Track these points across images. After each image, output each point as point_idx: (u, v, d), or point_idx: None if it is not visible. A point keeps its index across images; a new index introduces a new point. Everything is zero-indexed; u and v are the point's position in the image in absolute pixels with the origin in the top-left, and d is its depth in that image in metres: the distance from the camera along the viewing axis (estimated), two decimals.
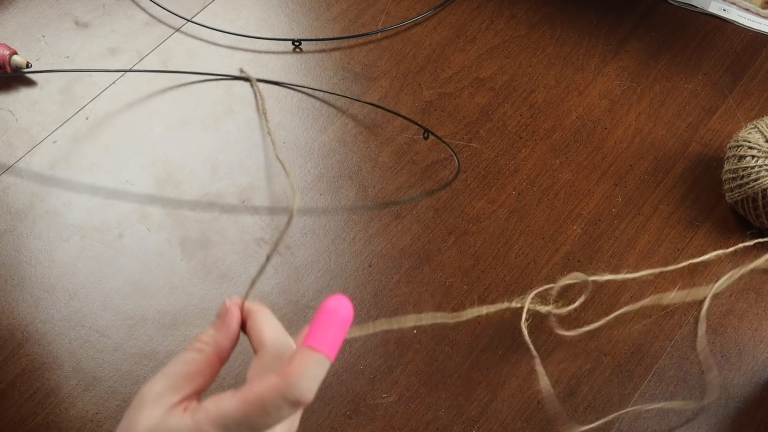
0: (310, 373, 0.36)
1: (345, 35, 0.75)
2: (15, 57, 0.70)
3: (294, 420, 0.40)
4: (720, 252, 0.62)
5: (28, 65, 0.70)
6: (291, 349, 0.40)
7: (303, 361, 0.36)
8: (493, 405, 0.56)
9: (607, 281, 0.61)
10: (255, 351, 0.40)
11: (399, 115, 0.69)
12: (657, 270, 0.62)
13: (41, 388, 0.56)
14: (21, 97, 0.71)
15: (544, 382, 0.55)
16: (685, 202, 0.66)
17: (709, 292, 0.59)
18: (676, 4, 0.78)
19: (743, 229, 0.64)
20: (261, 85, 0.72)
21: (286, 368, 0.36)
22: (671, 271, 0.62)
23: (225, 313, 0.41)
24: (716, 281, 0.59)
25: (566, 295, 0.61)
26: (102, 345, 0.58)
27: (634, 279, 0.61)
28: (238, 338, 0.41)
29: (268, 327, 0.41)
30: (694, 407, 0.56)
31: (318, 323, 0.37)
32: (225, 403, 0.37)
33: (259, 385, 0.36)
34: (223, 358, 0.41)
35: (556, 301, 0.59)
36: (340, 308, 0.38)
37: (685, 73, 0.74)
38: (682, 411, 0.56)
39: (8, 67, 0.70)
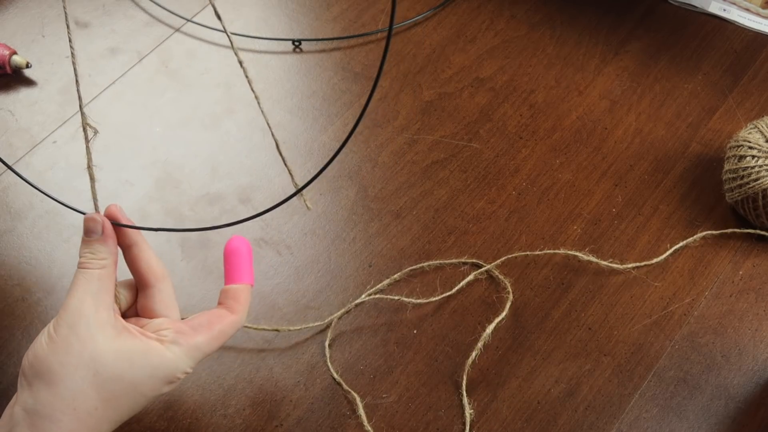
0: (248, 305, 0.46)
1: (345, 35, 0.75)
2: (15, 57, 0.70)
3: None
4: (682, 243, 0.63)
5: (27, 65, 0.70)
6: (169, 276, 0.46)
7: (245, 297, 0.46)
8: (493, 405, 0.56)
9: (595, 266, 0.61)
10: (148, 282, 0.45)
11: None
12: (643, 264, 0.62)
13: None
14: (21, 97, 0.71)
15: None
16: (685, 202, 0.66)
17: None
18: (676, 4, 0.78)
19: (743, 229, 0.64)
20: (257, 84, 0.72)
21: (236, 305, 0.45)
22: (666, 269, 0.62)
23: (102, 228, 0.44)
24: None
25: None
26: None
27: (620, 269, 0.62)
28: None
29: (156, 260, 0.46)
30: None
31: (234, 263, 0.47)
32: (194, 337, 0.43)
33: (220, 321, 0.45)
34: (116, 265, 0.45)
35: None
36: (241, 245, 0.47)
37: (685, 73, 0.74)
38: (683, 412, 0.56)
39: (8, 67, 0.70)
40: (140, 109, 0.70)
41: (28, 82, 0.71)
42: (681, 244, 0.63)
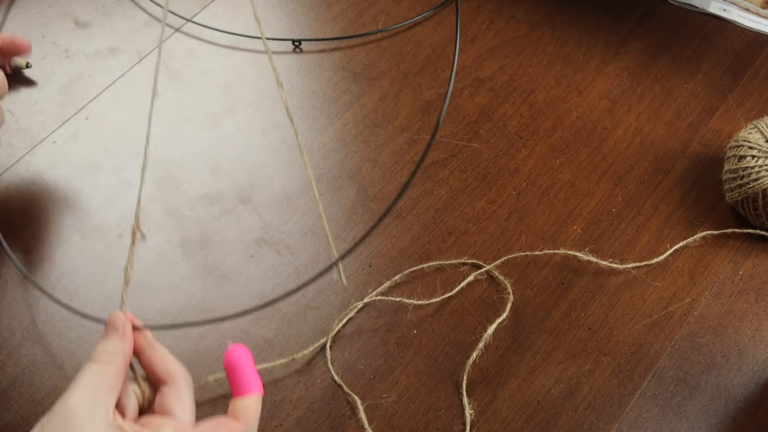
0: (258, 414, 0.45)
1: (345, 35, 0.75)
2: (15, 57, 0.70)
3: None
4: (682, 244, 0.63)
5: (27, 65, 0.70)
6: (188, 375, 0.46)
7: (255, 407, 0.45)
8: (493, 405, 0.56)
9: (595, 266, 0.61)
10: (163, 380, 0.45)
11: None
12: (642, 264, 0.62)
13: (41, 388, 0.56)
14: (21, 97, 0.71)
15: None
16: (685, 202, 0.66)
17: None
18: (676, 4, 0.78)
19: (743, 229, 0.64)
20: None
21: (244, 415, 0.44)
22: (666, 269, 0.62)
23: (122, 325, 0.45)
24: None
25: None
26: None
27: (621, 270, 0.62)
28: None
29: (171, 359, 0.45)
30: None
31: (238, 375, 0.45)
32: None
33: (226, 428, 0.44)
34: (127, 366, 0.44)
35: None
36: (242, 355, 0.46)
37: (685, 73, 0.74)
38: (683, 412, 0.56)
39: (8, 67, 0.70)
40: (140, 109, 0.70)
41: (28, 82, 0.71)
42: (681, 244, 0.63)
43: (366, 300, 0.60)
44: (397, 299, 0.60)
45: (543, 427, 0.56)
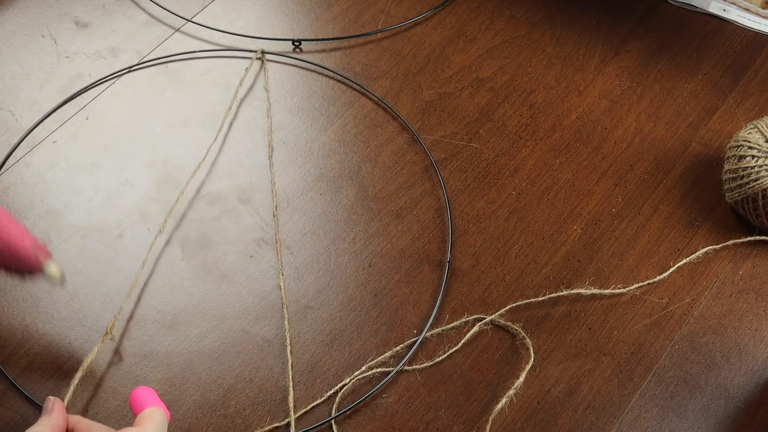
0: (159, 423, 0.47)
1: (345, 35, 0.75)
2: (51, 266, 0.51)
3: None
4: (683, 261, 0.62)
5: (62, 279, 0.52)
6: None
7: (151, 415, 0.47)
8: (493, 405, 0.56)
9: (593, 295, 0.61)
10: None
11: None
12: (645, 283, 0.62)
13: (41, 388, 0.56)
14: (21, 97, 0.71)
15: None
16: (685, 202, 0.66)
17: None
18: (676, 4, 0.78)
19: (743, 229, 0.64)
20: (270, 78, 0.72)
21: (141, 421, 0.46)
22: (659, 280, 0.62)
23: (52, 407, 0.48)
24: None
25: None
26: (102, 345, 0.58)
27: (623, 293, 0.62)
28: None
29: (98, 427, 0.48)
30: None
31: (140, 400, 0.48)
32: None
33: None
34: None
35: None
36: (144, 390, 0.49)
37: (685, 73, 0.74)
38: (683, 412, 0.56)
39: (38, 273, 0.51)
40: (140, 109, 0.70)
41: (29, 83, 0.71)
42: (684, 261, 0.62)
43: (363, 369, 0.57)
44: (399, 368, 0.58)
45: (543, 427, 0.56)
